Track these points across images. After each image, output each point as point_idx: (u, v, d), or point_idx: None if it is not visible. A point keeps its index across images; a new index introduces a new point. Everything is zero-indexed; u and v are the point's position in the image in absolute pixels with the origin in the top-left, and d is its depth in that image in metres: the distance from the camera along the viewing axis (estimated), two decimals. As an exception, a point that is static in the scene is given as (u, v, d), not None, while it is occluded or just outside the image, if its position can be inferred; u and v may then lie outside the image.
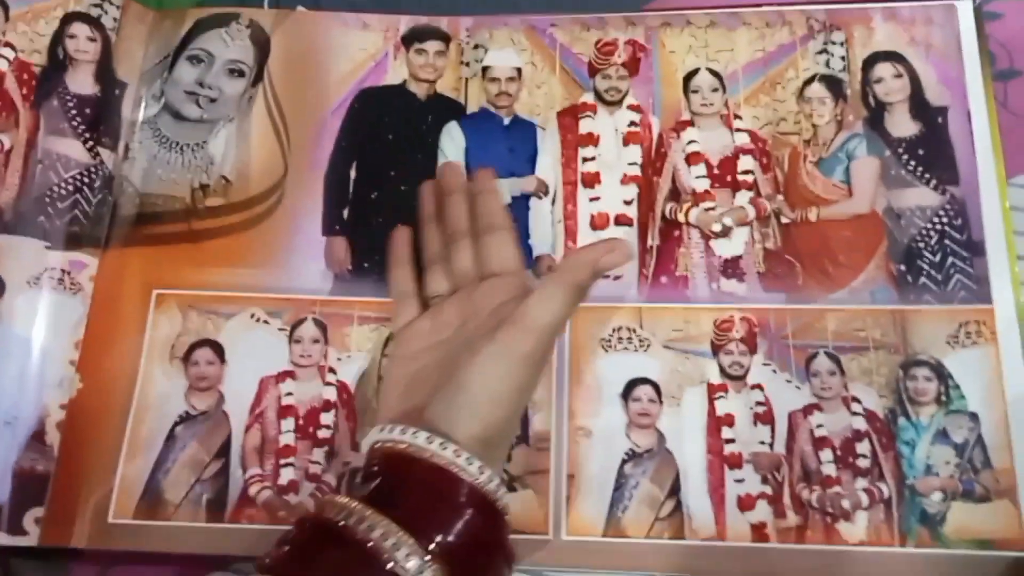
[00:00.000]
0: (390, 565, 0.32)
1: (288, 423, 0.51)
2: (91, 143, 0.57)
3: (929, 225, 0.54)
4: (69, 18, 0.58)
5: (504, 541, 0.37)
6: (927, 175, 0.55)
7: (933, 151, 0.56)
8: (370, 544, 0.32)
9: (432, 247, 0.50)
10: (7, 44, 0.57)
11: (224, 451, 0.51)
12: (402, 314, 0.48)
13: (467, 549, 0.34)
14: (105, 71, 0.58)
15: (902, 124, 0.57)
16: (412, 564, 0.32)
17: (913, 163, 0.56)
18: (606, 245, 0.41)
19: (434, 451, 0.35)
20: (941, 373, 0.51)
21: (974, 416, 0.50)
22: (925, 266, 0.53)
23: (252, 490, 0.50)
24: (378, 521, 0.33)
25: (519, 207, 0.57)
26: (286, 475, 0.50)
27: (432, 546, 0.33)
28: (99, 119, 0.57)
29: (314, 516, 0.35)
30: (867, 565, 0.48)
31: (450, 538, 0.34)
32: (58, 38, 0.58)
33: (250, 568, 0.48)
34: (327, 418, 0.52)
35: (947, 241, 0.54)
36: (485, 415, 0.38)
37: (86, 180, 0.56)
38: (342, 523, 0.33)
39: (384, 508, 0.33)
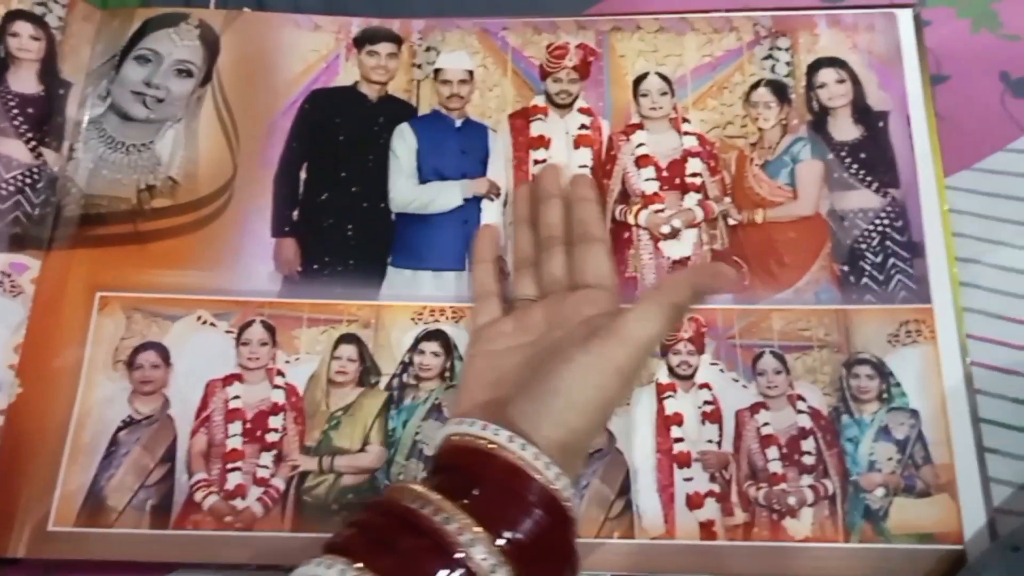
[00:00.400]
0: (461, 557, 0.32)
1: (235, 427, 0.51)
2: (34, 143, 0.55)
3: (871, 227, 0.55)
4: (11, 16, 0.57)
5: (573, 548, 0.37)
6: (869, 178, 0.56)
7: (874, 155, 0.57)
8: (446, 535, 0.32)
9: (523, 250, 0.51)
10: (-54, 42, 0.56)
11: (169, 456, 0.50)
12: (484, 312, 0.50)
13: (537, 551, 0.34)
14: (49, 70, 0.57)
15: (845, 128, 0.58)
16: (485, 560, 0.32)
17: (855, 166, 0.57)
18: (710, 268, 0.42)
19: (514, 451, 0.36)
20: (883, 371, 0.52)
21: (915, 413, 0.51)
22: (867, 267, 0.54)
23: (198, 495, 0.49)
24: (455, 514, 0.33)
25: (470, 209, 0.57)
26: (233, 479, 0.50)
27: (503, 543, 0.33)
28: (43, 119, 0.56)
29: (387, 500, 0.35)
30: (813, 560, 0.48)
31: (521, 537, 0.34)
32: (0, 36, 0.57)
33: None
34: (275, 421, 0.51)
35: (888, 242, 0.55)
36: (570, 422, 0.38)
37: (28, 181, 0.55)
38: (418, 511, 0.33)
39: (458, 501, 0.34)
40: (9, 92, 0.56)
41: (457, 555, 0.32)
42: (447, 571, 0.32)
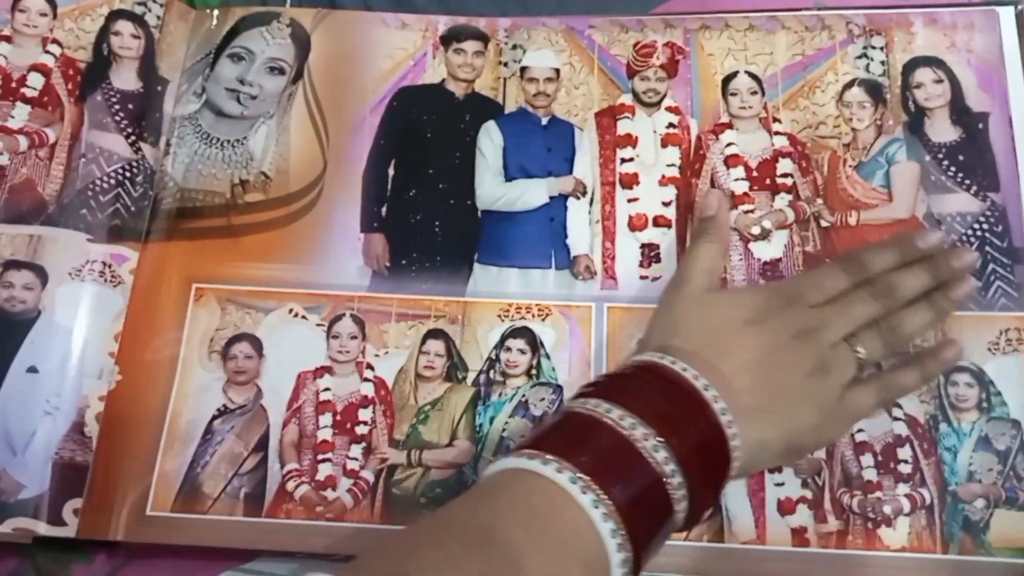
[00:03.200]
0: (648, 460, 0.36)
1: (326, 418, 0.51)
2: (133, 138, 0.57)
3: (969, 231, 0.54)
4: (114, 16, 0.59)
5: (729, 456, 0.39)
6: (967, 181, 0.55)
7: (974, 157, 0.55)
8: (634, 440, 0.36)
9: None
10: (54, 40, 0.58)
11: (262, 445, 0.51)
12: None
13: (702, 456, 0.38)
14: (148, 68, 0.59)
15: (942, 129, 0.56)
16: (666, 464, 0.36)
17: (953, 169, 0.55)
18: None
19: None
20: (982, 379, 0.51)
21: (1016, 423, 0.50)
22: (966, 272, 0.53)
23: (290, 485, 0.50)
24: (638, 422, 0.36)
25: (556, 207, 0.57)
26: (324, 470, 0.50)
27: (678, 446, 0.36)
28: (141, 115, 0.58)
29: (570, 411, 0.38)
30: (909, 571, 0.47)
31: (691, 444, 0.37)
32: (103, 35, 0.59)
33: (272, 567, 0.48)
34: (365, 414, 0.52)
35: (987, 248, 0.53)
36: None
37: (128, 174, 0.56)
38: (603, 417, 0.36)
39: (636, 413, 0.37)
40: (111, 89, 0.58)
41: (645, 457, 0.36)
42: (638, 468, 0.35)
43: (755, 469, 0.45)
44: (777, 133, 0.57)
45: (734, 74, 0.59)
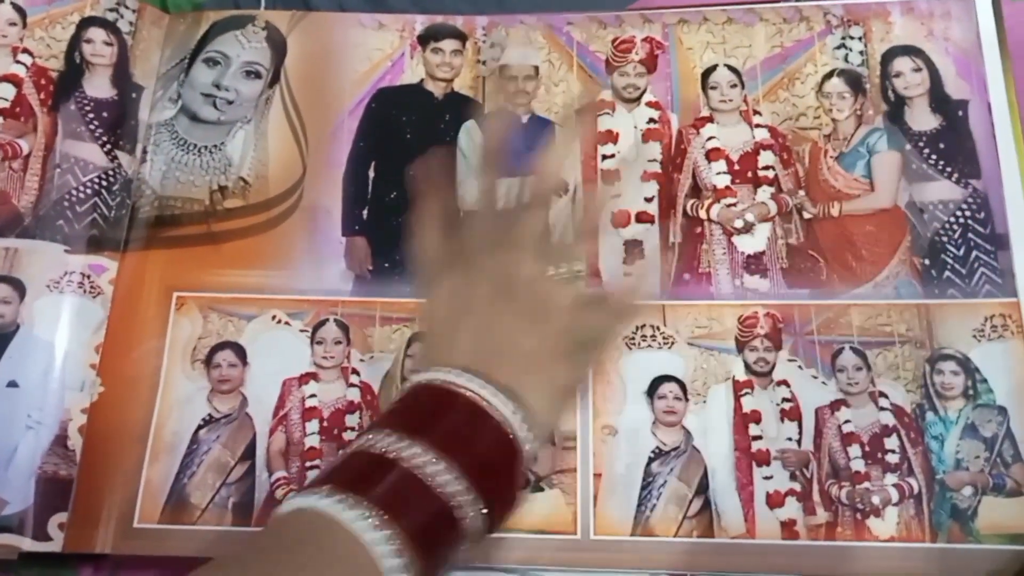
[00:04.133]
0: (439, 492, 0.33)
1: (313, 425, 0.51)
2: (109, 146, 0.56)
3: (952, 219, 0.54)
4: (85, 23, 0.58)
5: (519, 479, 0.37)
6: (948, 169, 0.55)
7: (954, 144, 0.55)
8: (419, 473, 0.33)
9: None
10: (25, 50, 0.57)
11: (249, 454, 0.51)
12: None
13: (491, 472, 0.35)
14: (122, 75, 0.58)
15: (922, 118, 0.56)
16: (451, 487, 0.33)
17: (934, 157, 0.55)
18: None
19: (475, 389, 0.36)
20: (968, 367, 0.51)
21: (1002, 410, 0.50)
22: (949, 260, 0.53)
23: (279, 493, 0.50)
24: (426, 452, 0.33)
25: (539, 206, 0.56)
26: (312, 478, 0.50)
27: (465, 463, 0.34)
28: (117, 122, 0.57)
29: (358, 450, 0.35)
30: (898, 561, 0.47)
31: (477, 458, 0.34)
32: (75, 43, 0.58)
33: None
34: (352, 420, 0.51)
35: (970, 235, 0.54)
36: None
37: (104, 183, 0.56)
38: (385, 453, 0.34)
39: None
40: (85, 97, 0.57)
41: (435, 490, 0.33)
42: (424, 499, 0.33)
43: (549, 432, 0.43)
44: (758, 126, 0.57)
45: (713, 67, 0.59)
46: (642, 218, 0.56)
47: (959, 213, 0.54)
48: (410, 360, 0.52)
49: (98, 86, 0.57)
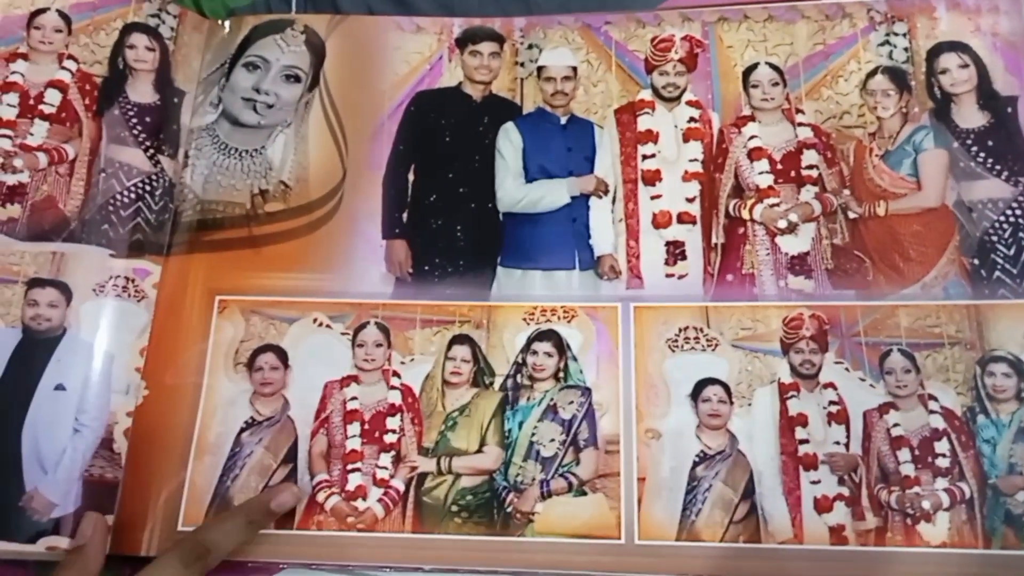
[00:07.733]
0: None
1: (354, 428, 0.51)
2: (152, 151, 0.57)
3: (1002, 218, 0.53)
4: (128, 29, 0.59)
5: None
6: (998, 167, 0.54)
7: (1003, 142, 0.54)
8: None
9: None
10: (70, 56, 0.58)
11: (291, 456, 0.51)
12: None
13: None
14: (164, 80, 0.59)
15: (970, 115, 0.55)
16: None
17: (983, 155, 0.54)
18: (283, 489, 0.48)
19: None
20: (1020, 369, 0.50)
21: (1057, 413, 0.49)
22: (999, 260, 0.52)
23: (320, 496, 0.50)
24: None
25: (579, 207, 0.56)
26: (354, 480, 0.50)
27: None
28: (159, 127, 0.58)
29: None
30: (951, 567, 0.46)
31: None
32: (118, 49, 0.58)
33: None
34: (393, 422, 0.51)
35: (1021, 234, 0.52)
36: None
37: (148, 188, 0.56)
38: None
39: None
40: (128, 102, 0.57)
41: None
42: None
43: None
44: (801, 124, 0.56)
45: (755, 66, 0.58)
46: (684, 219, 0.55)
47: (1009, 212, 0.53)
48: (451, 363, 0.52)
49: (141, 91, 0.58)
